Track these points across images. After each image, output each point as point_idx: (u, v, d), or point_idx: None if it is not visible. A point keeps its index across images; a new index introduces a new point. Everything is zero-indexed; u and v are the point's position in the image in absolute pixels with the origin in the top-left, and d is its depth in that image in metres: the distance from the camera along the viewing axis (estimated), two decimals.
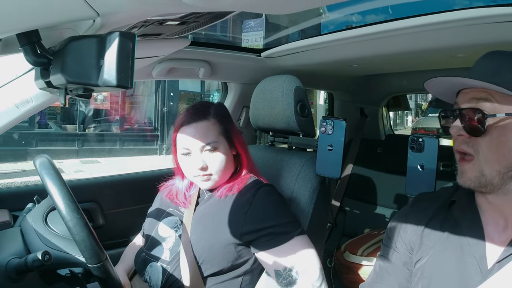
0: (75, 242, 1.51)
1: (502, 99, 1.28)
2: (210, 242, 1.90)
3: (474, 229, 1.39)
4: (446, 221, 1.48)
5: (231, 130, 2.07)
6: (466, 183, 1.35)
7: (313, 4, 1.12)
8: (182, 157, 1.99)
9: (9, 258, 1.66)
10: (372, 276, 1.67)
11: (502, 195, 1.34)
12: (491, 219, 1.38)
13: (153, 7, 1.14)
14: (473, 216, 1.42)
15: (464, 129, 1.33)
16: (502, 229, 1.35)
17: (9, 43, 1.25)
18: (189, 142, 1.97)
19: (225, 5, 1.01)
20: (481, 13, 1.92)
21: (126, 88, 1.05)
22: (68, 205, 1.51)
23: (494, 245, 1.34)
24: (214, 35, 18.33)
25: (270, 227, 1.84)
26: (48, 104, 1.98)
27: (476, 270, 1.33)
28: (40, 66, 1.18)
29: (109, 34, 1.03)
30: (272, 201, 1.93)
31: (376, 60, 3.00)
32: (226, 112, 2.13)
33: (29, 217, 1.93)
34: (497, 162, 1.29)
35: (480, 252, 1.34)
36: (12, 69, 1.85)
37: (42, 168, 1.56)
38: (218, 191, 2.02)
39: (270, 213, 1.89)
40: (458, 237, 1.41)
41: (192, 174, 1.99)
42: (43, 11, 1.03)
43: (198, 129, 1.97)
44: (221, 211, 1.95)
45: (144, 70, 2.58)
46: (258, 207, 1.89)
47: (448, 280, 1.38)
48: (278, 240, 1.81)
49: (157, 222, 2.10)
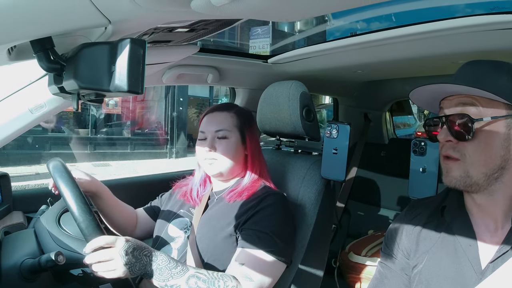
0: (87, 243, 1.51)
1: (487, 104, 1.30)
2: (215, 242, 1.90)
3: (465, 232, 1.39)
4: (439, 226, 1.48)
5: (247, 128, 2.11)
6: (452, 182, 1.36)
7: (318, 12, 1.12)
8: (198, 142, 2.06)
9: (23, 259, 1.66)
10: (373, 282, 1.68)
11: (488, 195, 1.35)
12: (481, 222, 1.39)
13: (163, 15, 1.14)
14: (463, 219, 1.42)
15: (452, 134, 1.34)
16: (493, 231, 1.36)
17: (23, 50, 1.25)
18: (206, 126, 2.06)
19: (233, 13, 1.00)
20: (482, 20, 1.91)
21: (137, 94, 1.05)
22: (80, 206, 1.51)
23: (486, 246, 1.35)
24: (222, 42, 18.35)
25: (260, 231, 1.85)
26: (61, 109, 1.98)
27: (470, 271, 1.34)
28: (53, 72, 1.18)
29: (121, 41, 1.03)
30: (274, 213, 1.92)
31: (379, 66, 2.99)
32: (249, 114, 2.20)
33: (43, 218, 1.94)
34: (484, 164, 1.31)
35: (473, 254, 1.35)
36: (26, 75, 1.86)
37: (55, 171, 1.56)
38: (228, 195, 2.02)
39: (268, 220, 1.89)
40: (451, 241, 1.42)
41: (202, 156, 2.04)
42: (56, 19, 1.03)
43: (217, 117, 2.08)
44: (227, 214, 1.96)
45: (155, 76, 2.58)
46: (262, 213, 1.90)
47: (445, 283, 1.38)
48: (258, 243, 1.81)
49: (166, 223, 2.10)
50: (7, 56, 1.21)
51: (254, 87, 3.24)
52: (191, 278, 1.58)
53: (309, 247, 2.12)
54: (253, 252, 1.79)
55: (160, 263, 1.55)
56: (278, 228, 1.88)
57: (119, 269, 1.48)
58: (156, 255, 1.57)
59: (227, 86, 3.36)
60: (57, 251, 1.58)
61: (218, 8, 0.93)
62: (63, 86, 1.16)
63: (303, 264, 2.12)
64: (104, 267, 1.50)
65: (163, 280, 1.54)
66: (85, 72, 1.06)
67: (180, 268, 1.59)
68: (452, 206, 1.48)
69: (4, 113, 1.84)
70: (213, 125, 2.06)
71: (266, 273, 1.78)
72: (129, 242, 1.53)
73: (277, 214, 1.92)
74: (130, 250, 1.50)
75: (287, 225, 1.96)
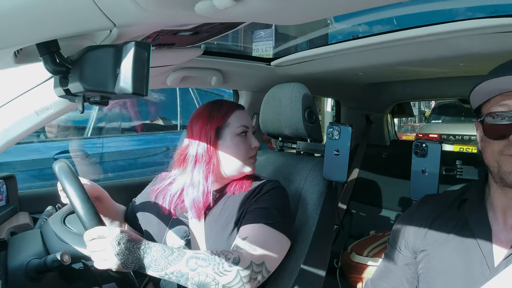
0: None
1: None
2: (224, 244, 1.86)
3: (481, 228, 1.39)
4: (452, 220, 1.48)
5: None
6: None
7: (320, 16, 1.11)
8: (237, 138, 1.96)
9: (30, 259, 1.67)
10: (377, 274, 1.68)
11: None
12: (501, 219, 1.39)
13: (168, 18, 1.14)
14: (481, 214, 1.42)
15: None
16: (510, 228, 1.35)
17: (29, 53, 1.25)
18: (249, 120, 2.02)
19: (236, 16, 1.00)
20: (482, 23, 1.91)
21: (141, 96, 1.05)
22: (85, 207, 1.51)
23: (501, 243, 1.34)
24: (226, 45, 18.32)
25: (260, 208, 1.84)
26: (66, 111, 1.98)
27: (483, 267, 1.33)
28: (59, 75, 1.18)
29: (125, 44, 1.03)
30: (275, 195, 1.91)
31: (381, 69, 3.00)
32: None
33: (50, 220, 1.95)
34: None
35: (487, 250, 1.34)
36: (32, 77, 1.86)
37: (61, 172, 1.57)
38: (231, 187, 1.99)
39: (268, 200, 1.87)
40: (465, 235, 1.41)
41: (247, 154, 1.98)
42: (62, 22, 1.03)
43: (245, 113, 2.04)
44: (231, 206, 1.93)
45: (159, 78, 2.58)
46: (262, 196, 1.88)
47: (454, 277, 1.38)
48: (259, 218, 1.80)
49: (164, 232, 2.02)
50: (13, 59, 1.22)
51: (257, 89, 3.24)
52: (190, 259, 1.53)
53: (312, 247, 2.11)
54: (254, 226, 1.77)
55: (154, 254, 1.52)
56: (279, 204, 1.88)
57: (111, 259, 1.46)
58: (150, 247, 1.53)
59: (231, 88, 3.36)
60: (62, 251, 1.58)
61: (222, 11, 0.93)
62: (68, 89, 1.16)
63: (305, 264, 2.11)
64: (97, 257, 1.49)
65: (161, 270, 1.50)
66: (90, 74, 1.06)
67: (176, 253, 1.54)
68: (474, 200, 1.47)
69: (10, 115, 1.85)
70: (250, 120, 2.04)
71: (269, 245, 1.74)
72: (123, 234, 1.51)
73: (276, 195, 1.91)
74: (123, 241, 1.48)
75: (287, 204, 1.97)
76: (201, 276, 1.52)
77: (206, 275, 1.53)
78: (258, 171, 2.17)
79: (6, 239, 1.87)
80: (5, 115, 1.84)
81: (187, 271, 1.51)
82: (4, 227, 2.16)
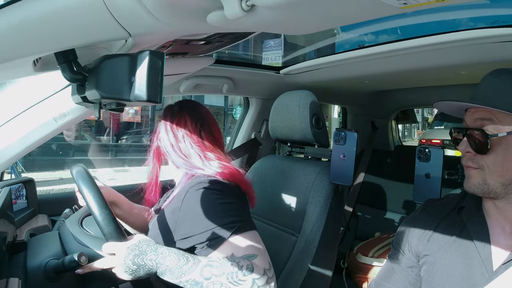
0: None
1: (504, 118, 1.31)
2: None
3: (480, 233, 1.39)
4: (453, 225, 1.48)
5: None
6: (471, 189, 1.37)
7: (329, 26, 1.11)
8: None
9: (48, 259, 1.67)
10: (380, 275, 1.68)
11: (507, 203, 1.35)
12: (497, 224, 1.38)
13: (181, 28, 1.14)
14: (479, 220, 1.42)
15: (471, 146, 1.36)
16: (508, 233, 1.35)
17: (47, 62, 1.26)
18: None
19: (247, 26, 1.00)
20: (483, 33, 1.92)
21: (156, 103, 1.05)
22: (102, 211, 1.51)
23: (499, 248, 1.34)
24: (237, 54, 18.37)
25: (200, 234, 1.61)
26: (83, 117, 1.98)
27: (481, 271, 1.33)
28: (76, 83, 1.18)
29: (140, 52, 1.03)
30: (199, 205, 1.64)
31: (386, 77, 2.99)
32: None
33: (67, 222, 1.95)
34: (501, 176, 1.32)
35: (486, 254, 1.34)
36: (51, 85, 1.87)
37: (79, 176, 1.57)
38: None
39: (198, 219, 1.63)
40: (464, 240, 1.41)
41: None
42: (80, 32, 1.03)
43: None
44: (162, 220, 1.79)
45: (172, 86, 2.59)
46: (186, 214, 1.68)
47: (454, 281, 1.38)
48: (213, 245, 1.59)
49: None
50: (32, 67, 1.22)
51: (267, 96, 3.25)
52: (204, 268, 1.47)
53: (319, 248, 2.12)
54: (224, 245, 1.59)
55: (168, 264, 1.47)
56: (210, 216, 1.62)
57: (121, 275, 1.48)
58: (165, 257, 1.48)
59: (241, 95, 3.36)
60: (79, 252, 1.58)
61: (233, 21, 0.93)
62: (85, 96, 1.16)
63: (313, 265, 2.11)
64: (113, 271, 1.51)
65: (176, 278, 1.47)
66: (106, 82, 1.06)
67: (192, 262, 1.48)
68: (470, 206, 1.48)
69: (30, 121, 1.85)
70: None
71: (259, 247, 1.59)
72: (131, 248, 1.48)
73: (204, 203, 1.65)
74: (129, 258, 1.46)
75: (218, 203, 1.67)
76: (216, 285, 1.47)
77: (220, 284, 1.47)
78: (267, 175, 2.16)
79: (26, 240, 1.87)
80: (25, 121, 1.85)
81: (201, 280, 1.47)
82: (23, 229, 2.16)
